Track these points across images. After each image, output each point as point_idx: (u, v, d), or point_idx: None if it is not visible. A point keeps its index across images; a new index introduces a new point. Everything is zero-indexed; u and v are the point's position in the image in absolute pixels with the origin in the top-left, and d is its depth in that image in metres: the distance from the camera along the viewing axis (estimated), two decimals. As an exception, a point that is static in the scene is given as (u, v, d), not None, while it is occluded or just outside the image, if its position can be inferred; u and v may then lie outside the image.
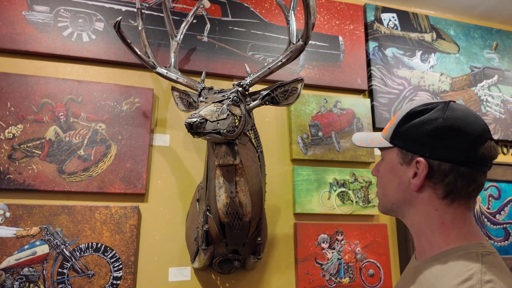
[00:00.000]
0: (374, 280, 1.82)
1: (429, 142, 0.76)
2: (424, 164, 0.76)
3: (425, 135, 0.77)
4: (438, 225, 0.77)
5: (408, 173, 0.80)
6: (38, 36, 1.65)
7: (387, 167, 0.85)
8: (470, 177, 0.75)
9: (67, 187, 1.54)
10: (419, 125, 0.78)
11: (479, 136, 0.75)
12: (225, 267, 1.60)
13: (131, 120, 1.67)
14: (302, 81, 1.35)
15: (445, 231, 0.77)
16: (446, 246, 0.76)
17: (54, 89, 1.62)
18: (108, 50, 1.72)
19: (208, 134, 1.20)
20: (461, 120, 0.75)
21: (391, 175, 0.84)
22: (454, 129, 0.75)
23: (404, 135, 0.81)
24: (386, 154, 0.87)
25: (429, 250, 0.79)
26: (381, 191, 0.89)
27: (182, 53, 1.80)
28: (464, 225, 0.77)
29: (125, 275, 1.52)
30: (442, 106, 0.78)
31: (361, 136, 0.97)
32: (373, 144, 0.89)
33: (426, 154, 0.76)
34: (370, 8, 2.23)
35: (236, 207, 1.38)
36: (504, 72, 2.41)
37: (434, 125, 0.76)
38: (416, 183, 0.78)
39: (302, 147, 1.88)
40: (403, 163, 0.81)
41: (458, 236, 0.76)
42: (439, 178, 0.76)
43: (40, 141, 1.56)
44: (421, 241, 0.81)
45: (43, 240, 1.48)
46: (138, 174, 1.63)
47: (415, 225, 0.82)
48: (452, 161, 0.75)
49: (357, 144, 0.94)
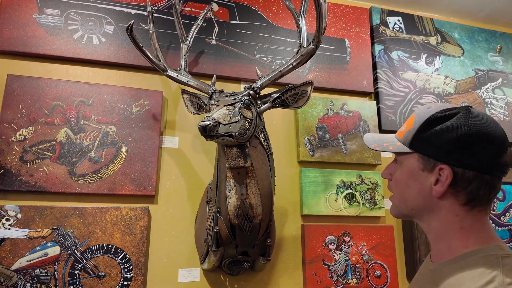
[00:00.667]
0: (381, 281, 1.83)
1: (453, 150, 0.76)
2: (449, 172, 0.76)
3: (449, 143, 0.76)
4: (457, 230, 0.78)
5: (430, 179, 0.79)
6: (49, 39, 1.67)
7: (406, 173, 0.84)
8: (492, 184, 0.76)
9: (78, 189, 1.56)
10: (442, 132, 0.77)
11: (502, 143, 0.76)
12: (234, 269, 1.61)
13: (141, 123, 1.69)
14: (312, 84, 1.37)
15: (464, 235, 0.78)
16: (465, 249, 0.76)
17: (64, 91, 1.63)
18: (118, 53, 1.73)
19: (220, 137, 1.22)
20: (485, 128, 0.75)
21: (411, 181, 0.83)
22: (479, 137, 0.75)
23: (426, 141, 0.80)
24: (404, 159, 0.85)
25: (448, 254, 0.79)
26: (398, 196, 0.87)
27: (191, 56, 1.81)
28: (483, 229, 0.78)
29: (136, 276, 1.53)
30: (464, 112, 0.77)
31: (373, 138, 0.95)
32: (389, 149, 0.87)
33: (451, 162, 0.76)
34: (376, 12, 2.24)
35: (247, 209, 1.39)
36: (508, 75, 2.43)
37: (459, 133, 0.76)
38: (440, 190, 0.77)
39: (309, 149, 1.90)
40: (425, 170, 0.80)
41: (477, 240, 0.77)
42: (463, 186, 0.76)
43: (51, 143, 1.57)
44: (439, 245, 0.82)
45: (55, 242, 1.49)
46: (148, 176, 1.64)
47: (433, 230, 0.83)
48: (476, 169, 0.75)
49: (371, 147, 0.92)
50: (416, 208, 0.83)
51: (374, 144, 0.92)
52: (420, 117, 0.82)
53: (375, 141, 0.93)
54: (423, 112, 0.82)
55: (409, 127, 0.84)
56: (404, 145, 0.84)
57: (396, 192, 0.88)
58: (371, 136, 0.96)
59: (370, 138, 0.96)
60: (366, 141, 0.95)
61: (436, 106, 0.82)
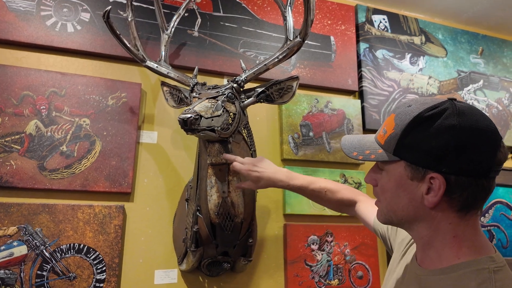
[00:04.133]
0: (362, 282, 1.81)
1: (444, 155, 0.68)
2: (441, 181, 0.68)
3: (439, 148, 0.68)
4: (450, 238, 0.72)
5: (420, 189, 0.71)
6: (20, 25, 1.56)
7: (393, 182, 0.75)
8: (488, 187, 0.70)
9: (48, 185, 1.46)
10: (430, 136, 0.69)
11: (495, 140, 0.69)
12: (213, 270, 1.55)
13: (117, 116, 1.60)
14: (297, 79, 1.32)
15: (457, 245, 0.72)
16: (457, 260, 0.71)
17: (35, 81, 1.53)
18: (94, 42, 1.64)
19: (202, 131, 1.16)
20: (477, 125, 0.68)
21: (399, 190, 0.74)
22: (472, 138, 0.67)
23: (412, 147, 0.71)
24: (389, 167, 0.76)
25: (437, 262, 0.74)
26: (386, 204, 0.79)
27: (172, 47, 1.74)
28: (475, 236, 0.72)
29: (109, 277, 1.45)
30: (452, 110, 0.69)
31: (352, 144, 0.84)
32: (372, 157, 0.77)
33: (443, 169, 0.68)
34: (362, 9, 2.22)
35: (228, 207, 1.33)
36: (489, 77, 2.45)
37: (449, 136, 0.67)
38: (433, 200, 0.70)
39: (293, 147, 1.85)
40: (414, 179, 0.72)
41: (469, 250, 0.71)
42: (457, 193, 0.69)
43: (19, 136, 1.47)
44: (429, 253, 0.76)
45: (21, 241, 1.39)
46: (124, 172, 1.56)
47: (423, 238, 0.76)
48: (472, 174, 0.68)
49: (351, 156, 0.81)
50: (406, 218, 0.76)
51: (354, 152, 0.82)
52: (401, 119, 0.73)
53: (355, 148, 0.82)
54: (404, 112, 0.73)
55: (390, 131, 0.75)
56: (387, 152, 0.75)
57: (383, 200, 0.79)
58: (349, 142, 0.86)
59: (348, 144, 0.85)
60: (345, 149, 0.84)
61: (416, 103, 0.73)
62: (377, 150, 0.77)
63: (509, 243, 2.14)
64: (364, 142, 0.82)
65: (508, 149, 0.72)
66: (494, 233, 2.14)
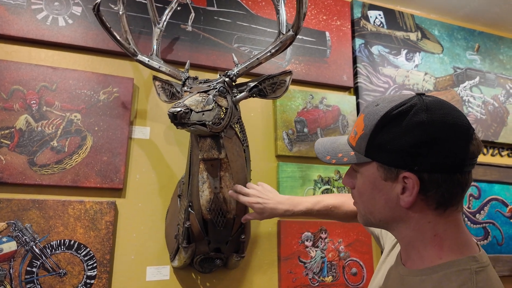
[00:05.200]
0: (357, 279, 1.80)
1: (416, 154, 0.66)
2: (415, 180, 0.67)
3: (410, 146, 0.66)
4: (431, 238, 0.71)
5: (395, 189, 0.70)
6: (9, 18, 1.54)
7: (368, 184, 0.74)
8: (464, 181, 0.68)
9: (38, 180, 1.44)
10: (400, 134, 0.67)
11: (467, 132, 0.67)
12: (206, 266, 1.54)
13: (109, 111, 1.58)
14: (290, 74, 1.31)
15: (438, 244, 0.70)
16: (439, 260, 0.69)
17: (26, 75, 1.51)
18: (86, 36, 1.62)
19: (192, 126, 1.14)
20: (447, 119, 0.66)
21: (374, 192, 0.73)
22: (443, 133, 0.66)
23: (382, 147, 0.69)
24: (362, 169, 0.75)
25: (420, 263, 0.73)
26: (363, 207, 0.78)
27: (165, 42, 1.72)
28: (457, 233, 0.71)
29: (100, 274, 1.44)
30: (420, 105, 0.68)
31: (325, 148, 0.83)
32: (344, 160, 0.76)
33: (415, 167, 0.66)
34: (357, 5, 2.20)
35: (220, 203, 1.32)
36: (485, 74, 2.44)
37: (418, 133, 0.66)
38: (408, 200, 0.69)
39: (287, 143, 1.84)
40: (388, 179, 0.71)
41: (451, 249, 0.70)
42: (433, 191, 0.67)
43: (9, 131, 1.45)
44: (411, 253, 0.74)
45: (11, 237, 1.37)
46: (116, 168, 1.54)
47: (404, 239, 0.75)
48: (445, 170, 0.66)
49: (324, 160, 0.80)
50: (385, 219, 0.74)
51: (327, 156, 0.81)
52: (370, 119, 0.71)
53: (328, 152, 0.81)
54: (372, 112, 0.72)
55: (360, 132, 0.74)
56: (359, 154, 0.74)
57: (361, 203, 0.78)
58: (322, 145, 0.84)
59: (321, 148, 0.84)
60: (318, 153, 0.83)
61: (384, 101, 0.72)
62: (350, 153, 0.76)
63: (504, 240, 2.13)
64: (337, 145, 0.81)
65: (481, 141, 0.71)
66: (489, 230, 2.14)
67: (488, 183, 2.21)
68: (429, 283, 0.68)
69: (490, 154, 2.34)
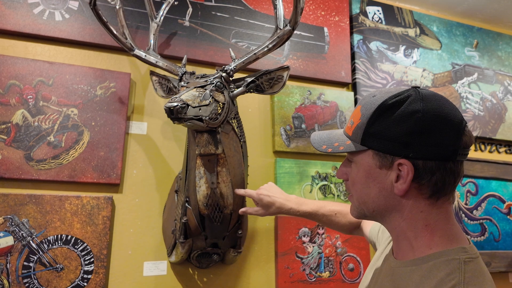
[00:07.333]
0: (353, 274, 1.80)
1: (411, 141, 0.68)
2: (409, 167, 0.69)
3: (405, 134, 0.68)
4: (422, 228, 0.72)
5: (389, 177, 0.72)
6: (6, 12, 1.53)
7: (362, 172, 0.76)
8: (456, 171, 0.70)
9: (35, 175, 1.44)
10: (395, 122, 0.69)
11: (459, 124, 0.69)
12: (203, 261, 1.54)
13: (106, 106, 1.58)
14: (288, 69, 1.30)
15: (429, 234, 0.71)
16: (429, 250, 0.71)
17: (22, 70, 1.51)
18: (83, 31, 1.62)
19: (189, 121, 1.14)
20: (441, 110, 0.69)
21: (369, 180, 0.75)
22: (437, 123, 0.68)
23: (378, 135, 0.71)
24: (358, 158, 0.77)
25: (410, 254, 0.73)
26: (356, 197, 0.79)
27: (162, 37, 1.71)
28: (448, 225, 0.72)
29: (97, 269, 1.44)
30: (415, 96, 0.70)
31: (321, 138, 0.85)
32: (340, 149, 0.78)
33: (410, 154, 0.68)
34: (356, 1, 2.20)
35: (217, 198, 1.32)
36: (483, 70, 2.44)
37: (413, 121, 0.68)
38: (402, 187, 0.70)
39: (285, 139, 1.84)
40: (383, 167, 0.72)
41: (441, 240, 0.71)
42: (426, 179, 0.69)
43: (5, 125, 1.45)
44: (402, 244, 0.75)
45: (7, 232, 1.37)
46: (113, 163, 1.54)
47: (396, 229, 0.76)
48: (438, 157, 0.68)
49: (321, 149, 0.82)
50: (378, 209, 0.76)
51: (323, 145, 0.82)
52: (367, 109, 0.74)
53: (323, 142, 0.83)
54: (369, 102, 0.74)
55: (356, 121, 0.76)
56: (355, 143, 0.75)
57: (354, 193, 0.79)
58: (319, 136, 0.86)
59: (317, 139, 0.86)
60: (314, 143, 0.85)
61: (381, 93, 0.74)
62: (346, 142, 0.78)
63: (501, 236, 2.14)
64: (333, 135, 0.84)
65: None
66: (486, 226, 2.14)
67: (486, 180, 2.21)
68: (419, 272, 0.69)
69: (488, 150, 2.34)
